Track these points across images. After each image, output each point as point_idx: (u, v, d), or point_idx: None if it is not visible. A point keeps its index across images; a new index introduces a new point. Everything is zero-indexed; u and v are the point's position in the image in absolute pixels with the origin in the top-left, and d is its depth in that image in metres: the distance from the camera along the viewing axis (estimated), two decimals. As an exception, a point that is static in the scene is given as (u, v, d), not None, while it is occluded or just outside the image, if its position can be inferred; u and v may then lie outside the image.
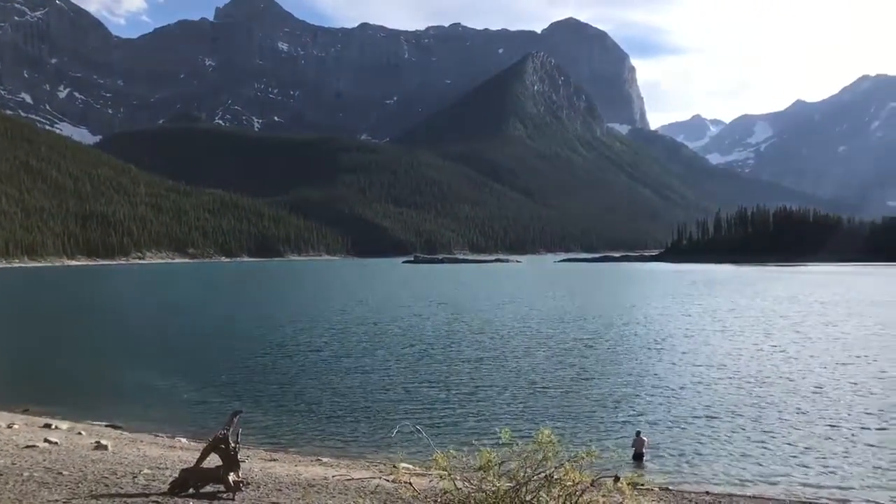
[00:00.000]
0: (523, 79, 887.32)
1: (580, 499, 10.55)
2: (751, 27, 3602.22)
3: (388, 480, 14.46)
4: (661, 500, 16.50)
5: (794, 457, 21.17)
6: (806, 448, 21.95)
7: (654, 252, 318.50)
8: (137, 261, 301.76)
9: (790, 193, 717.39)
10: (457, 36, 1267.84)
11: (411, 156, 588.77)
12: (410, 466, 16.11)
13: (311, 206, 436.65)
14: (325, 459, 20.42)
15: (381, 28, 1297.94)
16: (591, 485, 10.69)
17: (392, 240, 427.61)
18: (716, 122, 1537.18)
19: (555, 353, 41.07)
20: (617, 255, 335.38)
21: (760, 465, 20.57)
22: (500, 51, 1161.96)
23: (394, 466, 14.95)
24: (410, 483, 11.44)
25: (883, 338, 47.09)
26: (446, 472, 10.68)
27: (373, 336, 50.26)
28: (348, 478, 16.00)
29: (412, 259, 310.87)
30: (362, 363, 38.46)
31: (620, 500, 11.01)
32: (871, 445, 22.12)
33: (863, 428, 24.19)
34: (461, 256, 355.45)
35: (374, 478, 15.52)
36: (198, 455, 14.83)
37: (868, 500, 17.62)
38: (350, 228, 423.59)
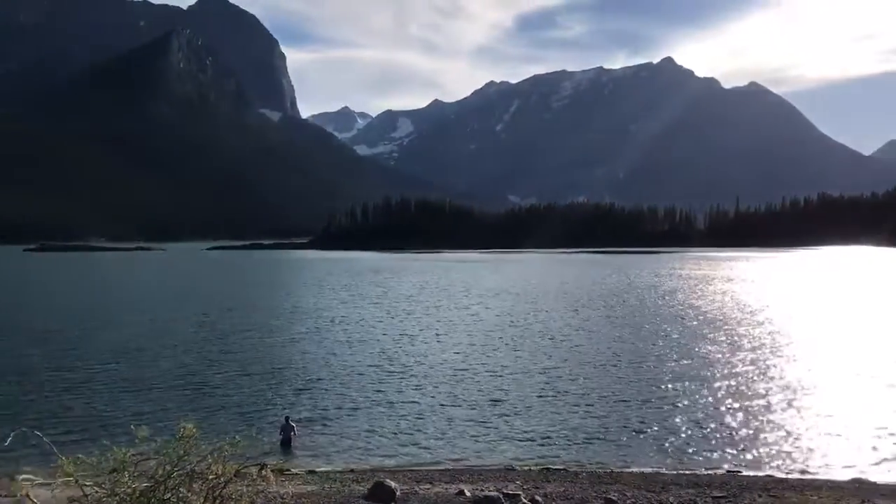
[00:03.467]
0: (168, 56, 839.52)
1: (223, 491, 10.36)
2: (394, 28, 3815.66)
3: (2, 496, 12.85)
4: (308, 482, 16.86)
5: (425, 431, 23.05)
6: (448, 423, 24.02)
7: (305, 240, 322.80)
8: None
9: (430, 185, 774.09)
10: (89, 3, 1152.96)
11: (35, 132, 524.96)
12: (33, 477, 14.39)
13: None
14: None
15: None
16: (235, 475, 10.55)
17: (8, 224, 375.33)
18: (363, 115, 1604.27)
19: (197, 346, 39.84)
20: (268, 242, 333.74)
21: (402, 442, 22.06)
22: (142, 23, 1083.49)
23: (11, 479, 13.26)
24: (28, 495, 10.22)
25: (484, 322, 53.17)
26: (72, 479, 9.74)
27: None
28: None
29: (36, 247, 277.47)
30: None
31: (265, 487, 11.03)
32: (502, 416, 24.96)
33: (493, 401, 27.14)
34: (97, 244, 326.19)
35: (-14, 496, 13.63)
36: None
37: (477, 464, 19.85)
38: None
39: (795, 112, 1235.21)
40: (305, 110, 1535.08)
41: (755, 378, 30.55)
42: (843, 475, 18.38)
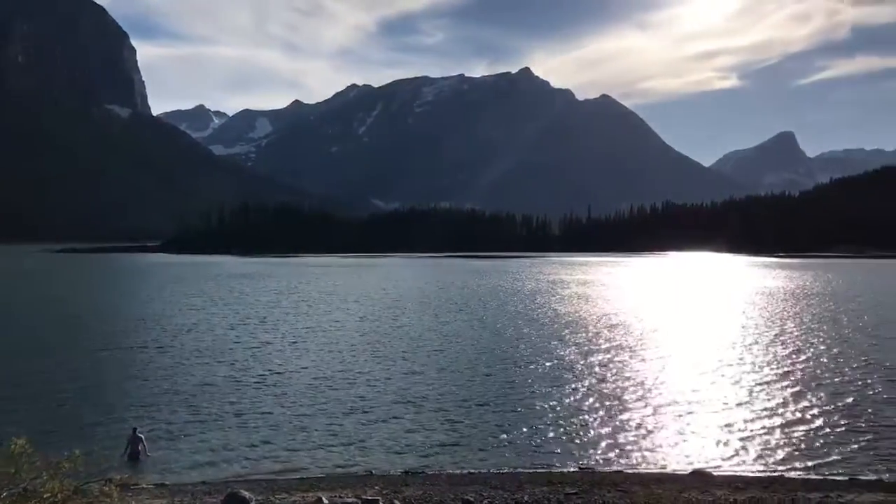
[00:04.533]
0: (5, 49, 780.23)
1: (61, 510, 9.70)
2: (252, 25, 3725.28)
3: None
4: (157, 496, 16.07)
5: (282, 441, 22.55)
6: (306, 432, 23.57)
7: (156, 243, 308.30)
8: None
9: (290, 188, 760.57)
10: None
11: None
12: None
13: None
14: None
15: None
16: (74, 493, 9.91)
17: None
18: (220, 114, 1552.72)
19: (32, 357, 37.22)
20: (115, 245, 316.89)
21: (258, 452, 21.44)
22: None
23: None
24: None
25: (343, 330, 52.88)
26: None
27: None
28: None
29: None
30: None
31: (109, 503, 10.41)
32: (353, 414, 24.75)
33: (349, 408, 26.86)
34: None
35: None
36: None
37: (363, 467, 19.64)
38: None
39: (643, 124, 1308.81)
40: (157, 107, 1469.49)
41: (608, 378, 31.94)
42: (686, 468, 19.51)
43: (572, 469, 19.53)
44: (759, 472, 19.37)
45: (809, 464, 20.03)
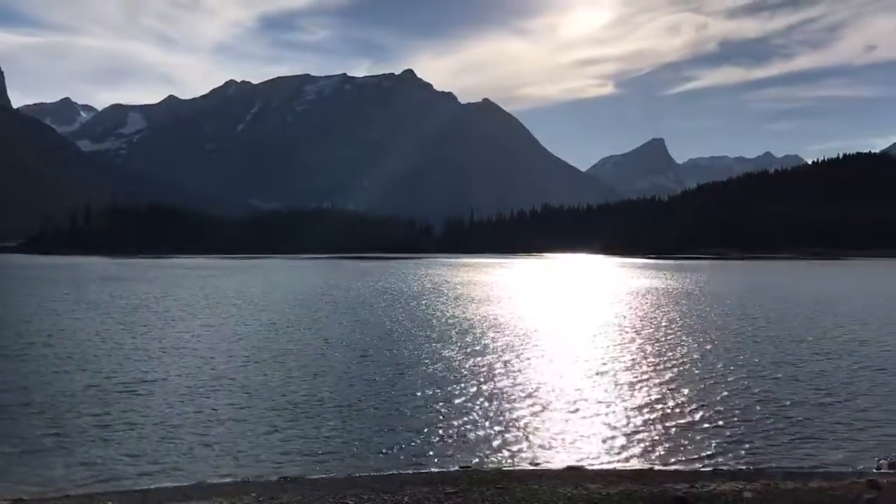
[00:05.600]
0: None
1: None
2: (123, 16, 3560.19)
3: None
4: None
5: (152, 452, 21.52)
6: (177, 442, 22.54)
7: (14, 243, 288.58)
8: None
9: (164, 186, 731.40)
10: None
11: None
12: None
13: None
14: None
15: None
16: None
17: None
18: (87, 108, 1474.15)
19: None
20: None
21: (127, 464, 20.37)
22: None
23: None
24: None
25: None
26: None
27: None
28: None
29: None
30: None
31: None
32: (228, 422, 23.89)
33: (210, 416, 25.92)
34: None
35: None
36: None
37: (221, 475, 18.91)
38: None
39: (523, 129, 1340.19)
40: (18, 99, 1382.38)
41: (489, 379, 32.20)
42: (562, 464, 19.93)
43: (453, 469, 19.56)
44: (631, 465, 20.02)
45: (678, 457, 20.88)
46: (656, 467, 19.81)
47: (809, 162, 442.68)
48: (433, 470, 19.43)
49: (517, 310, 63.46)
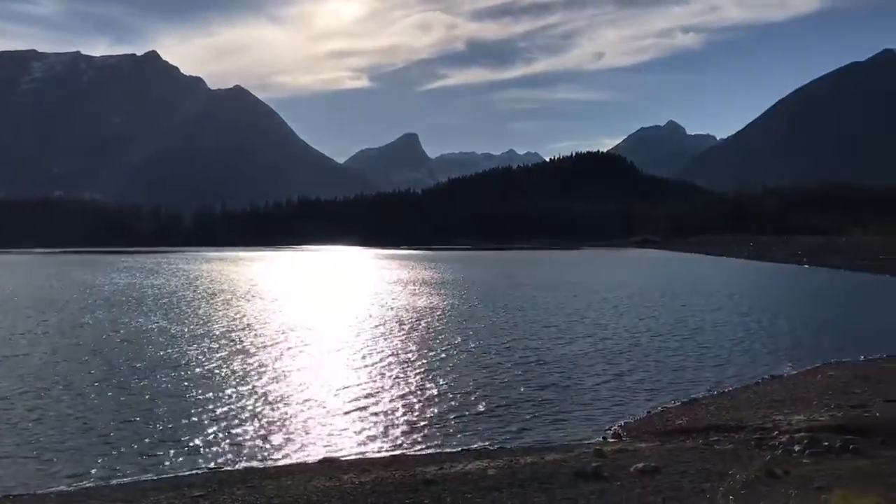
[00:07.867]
0: None
1: None
2: None
3: None
4: None
5: None
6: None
7: None
8: None
9: None
10: None
11: None
12: None
13: None
14: None
15: None
16: None
17: None
18: None
19: None
20: None
21: None
22: None
23: None
24: None
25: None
26: None
27: None
28: None
29: None
30: None
31: None
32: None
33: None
34: None
35: None
36: None
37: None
38: None
39: (278, 118, 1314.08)
40: None
41: (243, 379, 31.28)
42: (315, 457, 19.91)
43: (201, 471, 18.79)
44: (385, 453, 20.49)
45: (430, 441, 21.75)
46: (409, 452, 20.50)
47: (547, 159, 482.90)
48: (180, 474, 18.53)
49: (273, 306, 62.23)
